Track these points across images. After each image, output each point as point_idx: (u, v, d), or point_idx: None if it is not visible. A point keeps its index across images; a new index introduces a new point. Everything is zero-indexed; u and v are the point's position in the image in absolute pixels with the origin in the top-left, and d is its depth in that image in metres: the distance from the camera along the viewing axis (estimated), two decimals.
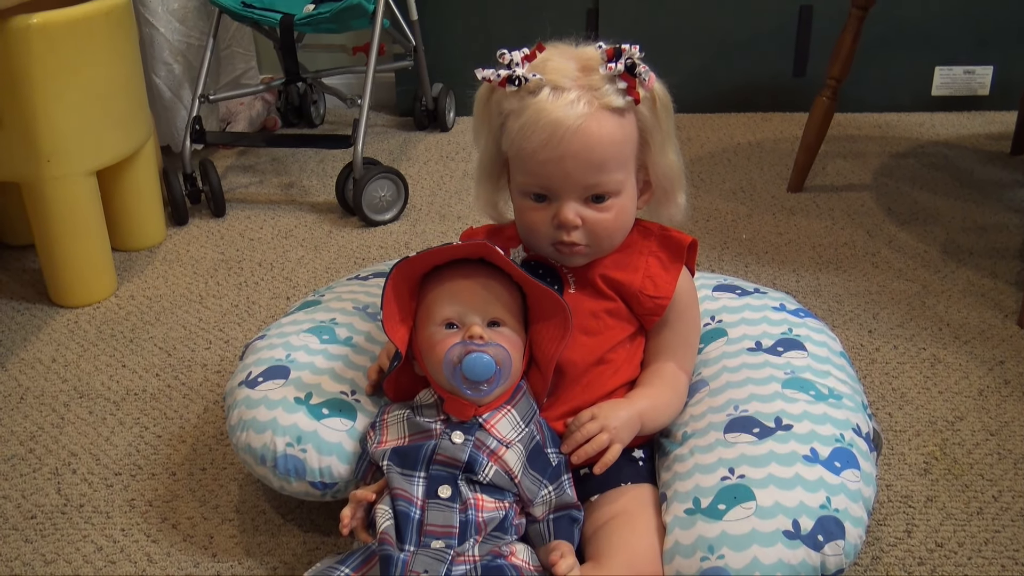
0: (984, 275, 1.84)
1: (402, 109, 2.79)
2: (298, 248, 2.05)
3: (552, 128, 1.09)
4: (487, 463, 1.07)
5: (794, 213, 2.13)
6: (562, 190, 1.13)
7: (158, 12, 2.34)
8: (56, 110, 1.72)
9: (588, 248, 1.17)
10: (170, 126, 2.43)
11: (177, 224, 2.17)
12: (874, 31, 2.33)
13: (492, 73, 1.14)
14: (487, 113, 1.18)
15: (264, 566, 1.22)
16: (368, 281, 1.47)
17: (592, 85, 1.11)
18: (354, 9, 2.13)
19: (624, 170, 1.14)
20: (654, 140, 1.16)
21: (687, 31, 2.67)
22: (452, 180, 2.36)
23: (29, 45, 1.66)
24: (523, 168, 1.14)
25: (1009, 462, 1.36)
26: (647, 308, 1.19)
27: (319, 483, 1.18)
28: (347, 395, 1.23)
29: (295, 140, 2.48)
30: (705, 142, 2.54)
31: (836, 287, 1.82)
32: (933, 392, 1.51)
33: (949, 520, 1.26)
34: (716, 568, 1.01)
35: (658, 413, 1.18)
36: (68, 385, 1.61)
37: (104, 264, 1.88)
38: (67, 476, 1.40)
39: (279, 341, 1.32)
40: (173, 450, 1.44)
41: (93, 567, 1.23)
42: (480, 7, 2.68)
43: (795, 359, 1.25)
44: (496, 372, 1.08)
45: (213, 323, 1.77)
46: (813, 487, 1.06)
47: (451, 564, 0.99)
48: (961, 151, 2.43)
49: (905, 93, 2.70)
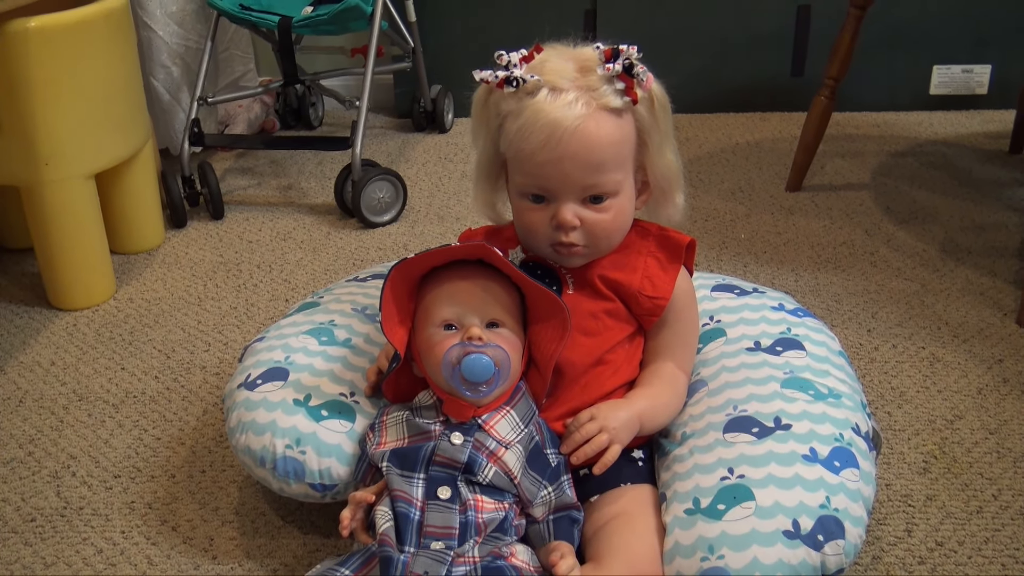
0: (983, 274, 1.84)
1: (400, 111, 2.79)
2: (297, 250, 2.05)
3: (550, 129, 1.09)
4: (486, 464, 1.07)
5: (793, 213, 2.13)
6: (560, 191, 1.13)
7: (156, 15, 2.34)
8: (54, 113, 1.72)
9: (586, 249, 1.16)
10: (168, 129, 2.43)
11: (176, 227, 2.17)
12: (872, 30, 2.33)
13: (490, 74, 1.13)
14: (485, 114, 1.17)
15: (264, 568, 1.22)
16: (367, 283, 1.47)
17: (590, 86, 1.11)
18: (352, 11, 2.13)
19: (622, 171, 1.14)
20: (652, 140, 1.16)
21: (685, 31, 2.67)
22: (451, 181, 2.36)
23: (27, 48, 1.66)
24: (521, 169, 1.14)
25: (1008, 460, 1.36)
26: (646, 308, 1.19)
27: (318, 485, 1.18)
28: (346, 397, 1.23)
29: (293, 142, 2.48)
30: (703, 142, 2.54)
31: (835, 286, 1.82)
32: (932, 391, 1.51)
33: (949, 519, 1.26)
34: (716, 568, 1.01)
35: (657, 413, 1.18)
36: (67, 388, 1.61)
37: (103, 267, 1.88)
38: (66, 479, 1.39)
39: (278, 343, 1.32)
40: (172, 452, 1.44)
41: (93, 570, 1.23)
42: (478, 9, 2.68)
43: (794, 359, 1.25)
44: (495, 373, 1.08)
45: (212, 325, 1.77)
46: (813, 487, 1.06)
47: (451, 565, 0.99)
48: (959, 150, 2.43)
49: (903, 92, 2.70)
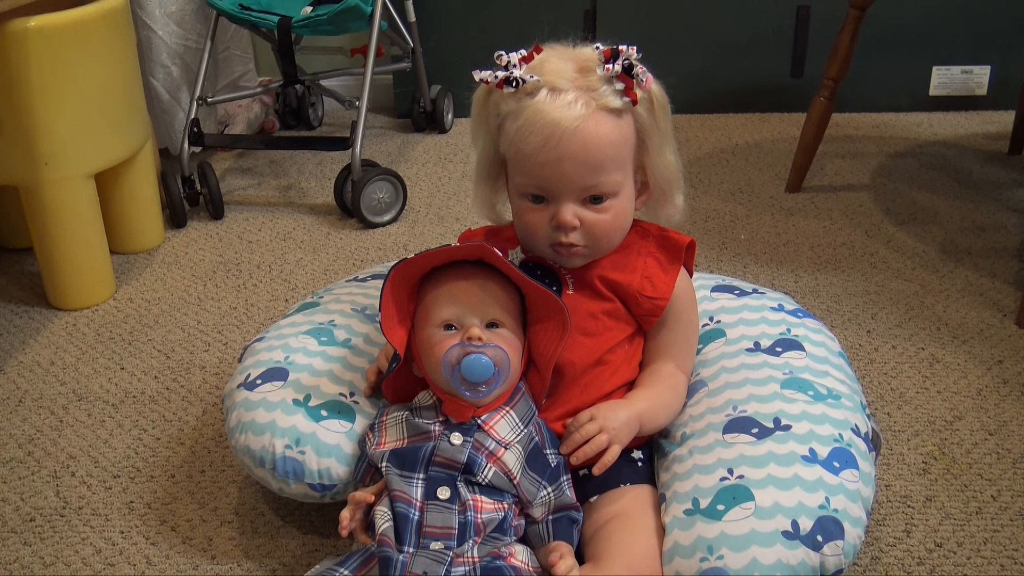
0: (982, 275, 1.84)
1: (400, 111, 2.79)
2: (296, 250, 2.05)
3: (550, 130, 1.09)
4: (486, 464, 1.07)
5: (792, 213, 2.13)
6: (560, 191, 1.13)
7: (156, 15, 2.34)
8: (54, 113, 1.72)
9: (586, 249, 1.16)
10: (168, 129, 2.43)
11: (175, 227, 2.17)
12: (872, 31, 2.33)
13: (489, 75, 1.13)
14: (485, 115, 1.17)
15: (263, 568, 1.22)
16: (367, 283, 1.47)
17: (590, 86, 1.11)
18: (352, 11, 2.13)
19: (622, 171, 1.14)
20: (652, 141, 1.16)
21: (684, 32, 2.67)
22: (450, 182, 2.36)
23: (27, 48, 1.66)
24: (521, 169, 1.14)
25: (1008, 461, 1.36)
26: (645, 309, 1.19)
27: (318, 485, 1.18)
28: (346, 397, 1.23)
29: (293, 142, 2.48)
30: (703, 143, 2.54)
31: (834, 287, 1.82)
32: (932, 392, 1.51)
33: (948, 520, 1.26)
34: (715, 569, 1.01)
35: (657, 414, 1.18)
36: (67, 388, 1.61)
37: (102, 267, 1.87)
38: (66, 479, 1.39)
39: (278, 343, 1.32)
40: (172, 452, 1.44)
41: (92, 569, 1.23)
42: (478, 9, 2.68)
43: (793, 359, 1.25)
44: (495, 373, 1.08)
45: (212, 325, 1.77)
46: (812, 487, 1.06)
47: (450, 565, 0.99)
48: (959, 151, 2.44)
49: (903, 93, 2.70)
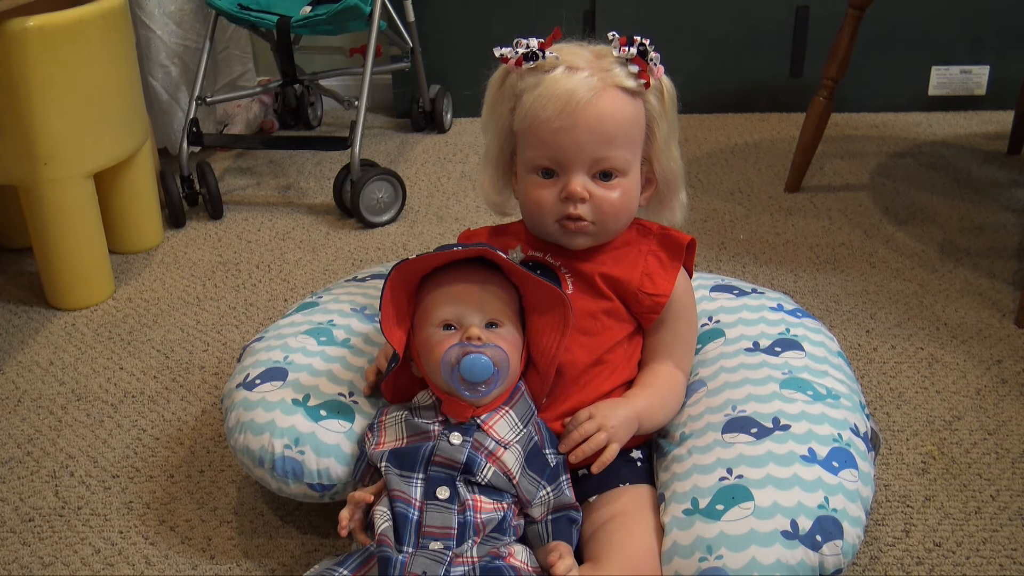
0: (982, 274, 1.84)
1: (399, 111, 2.79)
2: (296, 250, 2.05)
3: (567, 97, 1.12)
4: (485, 464, 1.07)
5: (792, 213, 2.13)
6: (572, 162, 1.14)
7: (154, 15, 2.33)
8: (53, 113, 1.71)
9: (593, 227, 1.17)
10: (167, 128, 2.43)
11: (174, 226, 2.17)
12: (871, 31, 2.34)
13: (510, 51, 1.17)
14: (500, 96, 1.20)
15: (262, 568, 1.22)
16: (366, 283, 1.47)
17: (605, 67, 1.15)
18: (351, 11, 2.13)
19: (632, 151, 1.16)
20: (660, 131, 1.18)
21: (684, 32, 2.67)
22: (450, 181, 2.36)
23: (26, 48, 1.65)
24: (534, 140, 1.16)
25: (1007, 461, 1.36)
26: (645, 306, 1.19)
27: (317, 485, 1.18)
28: (345, 397, 1.23)
29: (292, 142, 2.48)
30: (703, 143, 2.54)
31: (833, 287, 1.82)
32: (931, 392, 1.51)
33: (947, 520, 1.26)
34: (714, 568, 1.01)
35: (656, 412, 1.18)
36: (66, 388, 1.61)
37: (101, 267, 1.87)
38: (65, 479, 1.39)
39: (277, 343, 1.32)
40: (171, 452, 1.44)
41: (91, 569, 1.23)
42: (477, 9, 2.68)
43: (793, 359, 1.25)
44: (494, 373, 1.08)
45: (211, 325, 1.77)
46: (811, 487, 1.06)
47: (449, 565, 0.99)
48: (958, 151, 2.44)
49: (902, 93, 2.70)
